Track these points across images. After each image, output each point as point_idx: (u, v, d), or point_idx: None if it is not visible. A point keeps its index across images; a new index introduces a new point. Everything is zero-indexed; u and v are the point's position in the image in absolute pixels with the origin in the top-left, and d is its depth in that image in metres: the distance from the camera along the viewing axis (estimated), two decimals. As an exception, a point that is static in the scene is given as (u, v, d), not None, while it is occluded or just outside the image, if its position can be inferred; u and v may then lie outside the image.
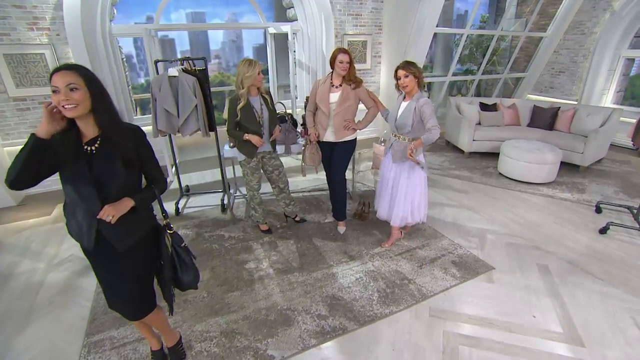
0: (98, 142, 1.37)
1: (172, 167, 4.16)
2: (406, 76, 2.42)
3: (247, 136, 2.65)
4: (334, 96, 2.72)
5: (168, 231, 1.63)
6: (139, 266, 1.57)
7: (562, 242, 2.99)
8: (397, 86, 2.56)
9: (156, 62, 3.26)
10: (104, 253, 1.48)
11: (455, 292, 2.40)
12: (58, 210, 3.75)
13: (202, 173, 4.76)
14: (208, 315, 2.25)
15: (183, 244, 1.69)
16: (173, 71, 3.02)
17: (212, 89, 3.40)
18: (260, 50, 5.37)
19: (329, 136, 2.84)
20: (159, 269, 1.67)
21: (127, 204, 1.41)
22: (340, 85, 2.70)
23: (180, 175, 4.70)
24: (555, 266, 2.67)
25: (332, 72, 2.71)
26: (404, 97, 2.58)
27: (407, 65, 2.43)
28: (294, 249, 2.92)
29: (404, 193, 2.68)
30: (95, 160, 1.36)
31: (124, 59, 4.69)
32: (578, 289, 2.41)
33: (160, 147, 4.81)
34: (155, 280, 1.71)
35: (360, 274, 2.58)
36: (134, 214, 1.45)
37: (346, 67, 2.59)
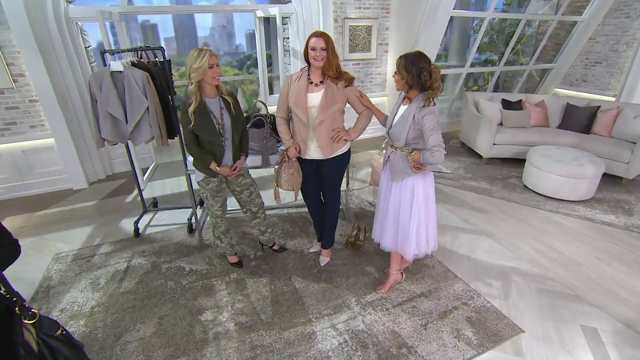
0: None
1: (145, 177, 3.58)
2: (395, 73, 1.83)
3: (214, 166, 2.09)
4: (314, 98, 2.04)
5: (26, 321, 1.06)
6: None
7: (613, 290, 2.31)
8: None
9: (102, 52, 2.63)
10: None
11: (471, 371, 1.78)
12: None
13: (179, 180, 4.18)
14: (138, 396, 1.69)
15: (59, 332, 1.13)
16: (117, 65, 2.40)
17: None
18: (255, 37, 4.69)
19: (313, 153, 2.18)
20: None
21: None
22: (322, 82, 2.03)
23: (155, 182, 4.16)
24: (607, 329, 2.01)
25: (309, 66, 2.04)
26: (404, 99, 1.94)
27: (406, 63, 1.76)
28: (266, 292, 2.32)
29: (409, 219, 2.05)
30: None
31: (90, 47, 4.08)
32: (643, 373, 1.76)
33: (123, 150, 4.22)
34: None
35: (346, 336, 1.97)
36: None
37: (321, 55, 1.91)
